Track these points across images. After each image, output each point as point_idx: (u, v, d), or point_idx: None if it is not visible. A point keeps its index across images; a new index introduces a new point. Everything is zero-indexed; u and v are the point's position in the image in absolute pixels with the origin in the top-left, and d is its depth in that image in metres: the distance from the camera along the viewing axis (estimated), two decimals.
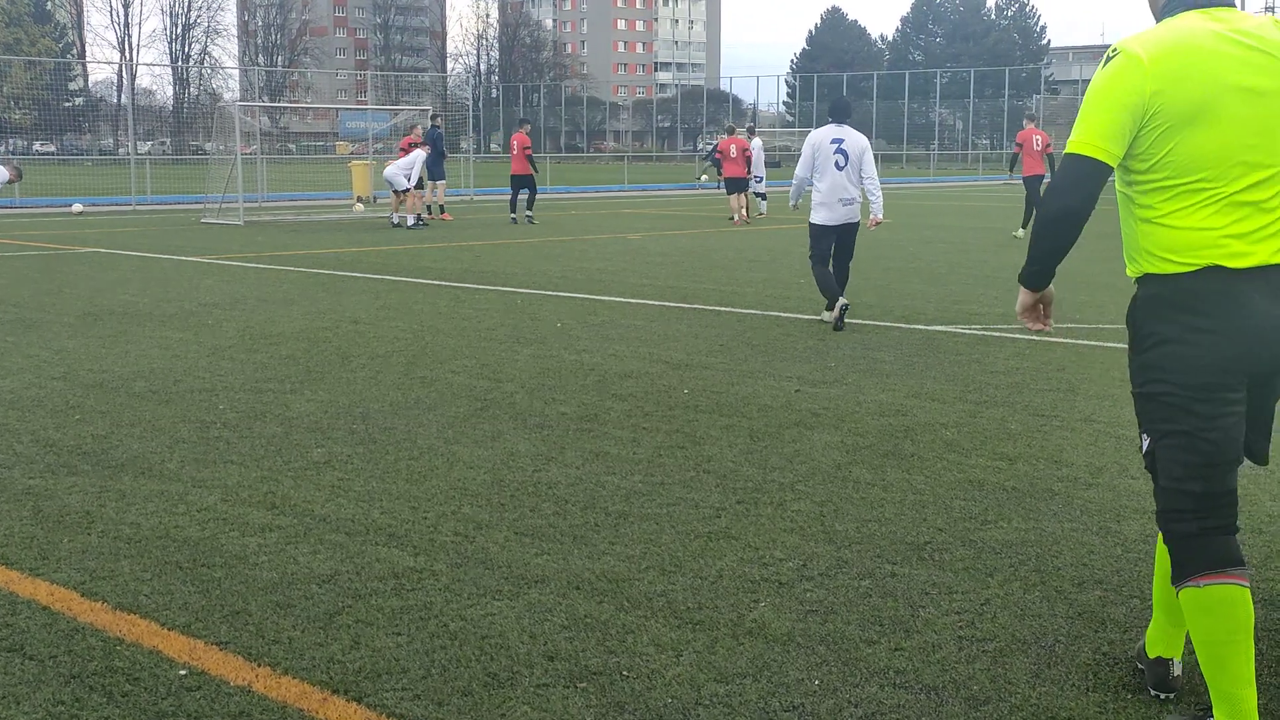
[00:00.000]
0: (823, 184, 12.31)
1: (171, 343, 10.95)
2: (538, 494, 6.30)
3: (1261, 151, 3.58)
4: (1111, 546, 5.49)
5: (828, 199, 12.27)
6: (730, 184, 29.50)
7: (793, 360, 10.15)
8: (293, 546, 5.48)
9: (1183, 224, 3.60)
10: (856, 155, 12.32)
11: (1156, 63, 3.54)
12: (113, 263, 18.80)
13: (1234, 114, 3.55)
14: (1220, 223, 3.57)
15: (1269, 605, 4.82)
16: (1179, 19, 3.64)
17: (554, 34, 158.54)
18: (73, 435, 7.53)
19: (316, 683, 4.13)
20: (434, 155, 28.28)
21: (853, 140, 12.34)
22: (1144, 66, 3.55)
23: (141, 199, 36.19)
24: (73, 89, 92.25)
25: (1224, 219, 3.57)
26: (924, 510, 6.04)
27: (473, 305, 13.64)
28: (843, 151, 12.26)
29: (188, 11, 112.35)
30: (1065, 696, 4.04)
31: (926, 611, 4.75)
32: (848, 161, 12.27)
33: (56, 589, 4.98)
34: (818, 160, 12.33)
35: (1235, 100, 3.55)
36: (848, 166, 12.27)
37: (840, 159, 12.25)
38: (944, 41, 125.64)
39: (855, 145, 12.35)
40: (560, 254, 20.48)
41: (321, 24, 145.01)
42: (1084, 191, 3.61)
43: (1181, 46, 3.56)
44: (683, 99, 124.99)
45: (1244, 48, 3.57)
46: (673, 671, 4.21)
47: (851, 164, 12.29)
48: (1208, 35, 3.57)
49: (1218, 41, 3.57)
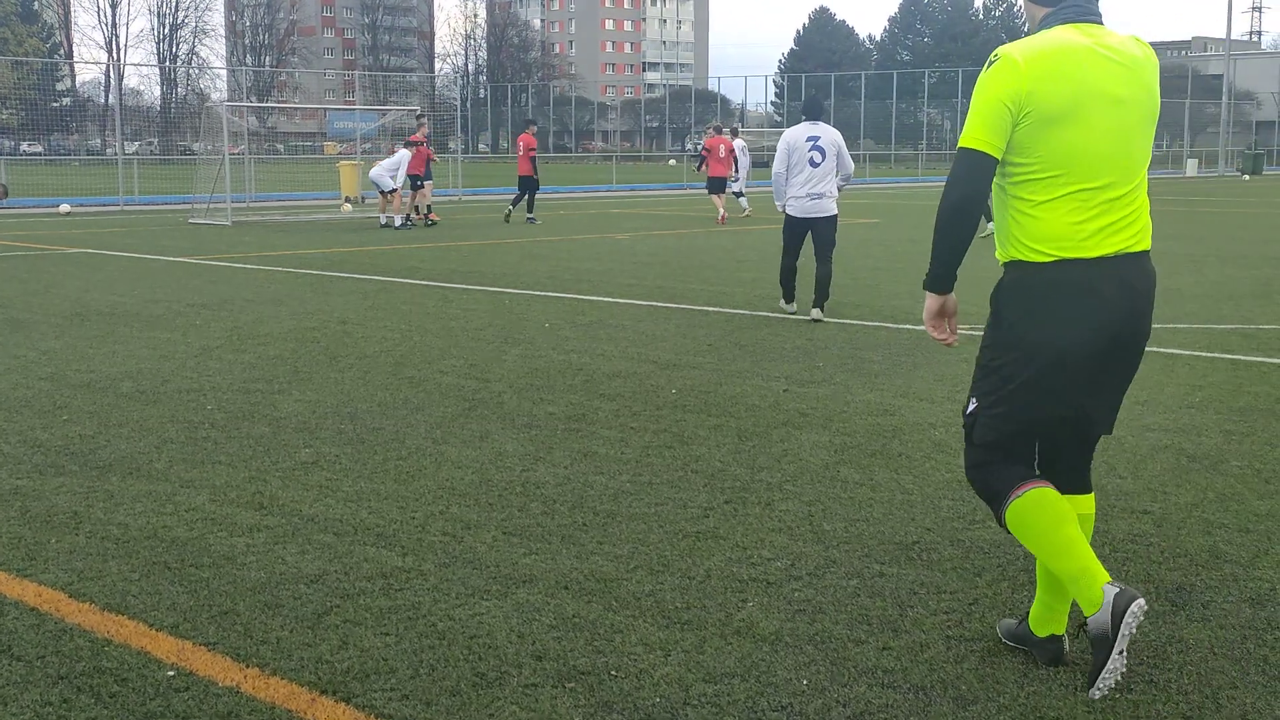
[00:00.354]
0: (796, 179, 12.60)
1: (159, 343, 10.94)
2: (526, 494, 6.30)
3: (1119, 154, 3.98)
4: (1099, 546, 5.49)
5: (799, 193, 12.60)
6: (714, 183, 29.57)
7: (781, 360, 10.15)
8: (281, 547, 5.47)
9: (1047, 216, 3.97)
10: (833, 150, 12.61)
11: (1031, 65, 3.90)
12: (100, 263, 18.76)
13: (1098, 118, 3.94)
14: (1080, 217, 3.95)
15: (1256, 604, 4.83)
16: (1053, 31, 4.02)
17: (542, 34, 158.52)
18: (60, 435, 7.51)
19: (305, 683, 4.12)
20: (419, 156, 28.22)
21: (828, 137, 12.63)
22: (1019, 68, 3.90)
23: (129, 199, 36.14)
24: (60, 89, 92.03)
25: (1084, 214, 3.95)
26: (912, 510, 6.05)
27: (461, 305, 13.63)
28: (819, 148, 12.52)
29: (175, 12, 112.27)
30: (1053, 696, 4.05)
31: (915, 611, 4.76)
32: (824, 157, 12.54)
33: (44, 589, 4.97)
34: (793, 157, 12.61)
35: (1099, 105, 3.94)
36: (824, 162, 12.54)
37: (816, 155, 12.52)
38: (932, 41, 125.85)
39: (831, 141, 12.63)
40: (548, 254, 20.47)
41: (309, 24, 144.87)
42: (976, 182, 3.97)
43: (1053, 52, 3.93)
44: (671, 99, 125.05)
45: (1108, 60, 3.96)
46: (661, 671, 4.22)
47: (828, 159, 12.57)
48: (1078, 46, 3.95)
49: (1086, 52, 3.95)
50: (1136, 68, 4.01)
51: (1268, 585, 5.04)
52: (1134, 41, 4.08)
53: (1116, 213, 3.99)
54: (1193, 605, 4.82)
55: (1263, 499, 6.24)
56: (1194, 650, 4.39)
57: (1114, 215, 3.98)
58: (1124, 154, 3.99)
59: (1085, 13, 4.03)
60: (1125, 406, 8.33)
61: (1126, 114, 3.98)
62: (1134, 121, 4.00)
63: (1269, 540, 5.59)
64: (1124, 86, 3.97)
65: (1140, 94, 4.01)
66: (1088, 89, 3.92)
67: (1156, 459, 7.00)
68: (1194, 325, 12.11)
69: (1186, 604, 4.83)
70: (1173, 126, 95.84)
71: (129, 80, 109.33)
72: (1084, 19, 4.03)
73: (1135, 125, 4.01)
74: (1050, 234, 3.96)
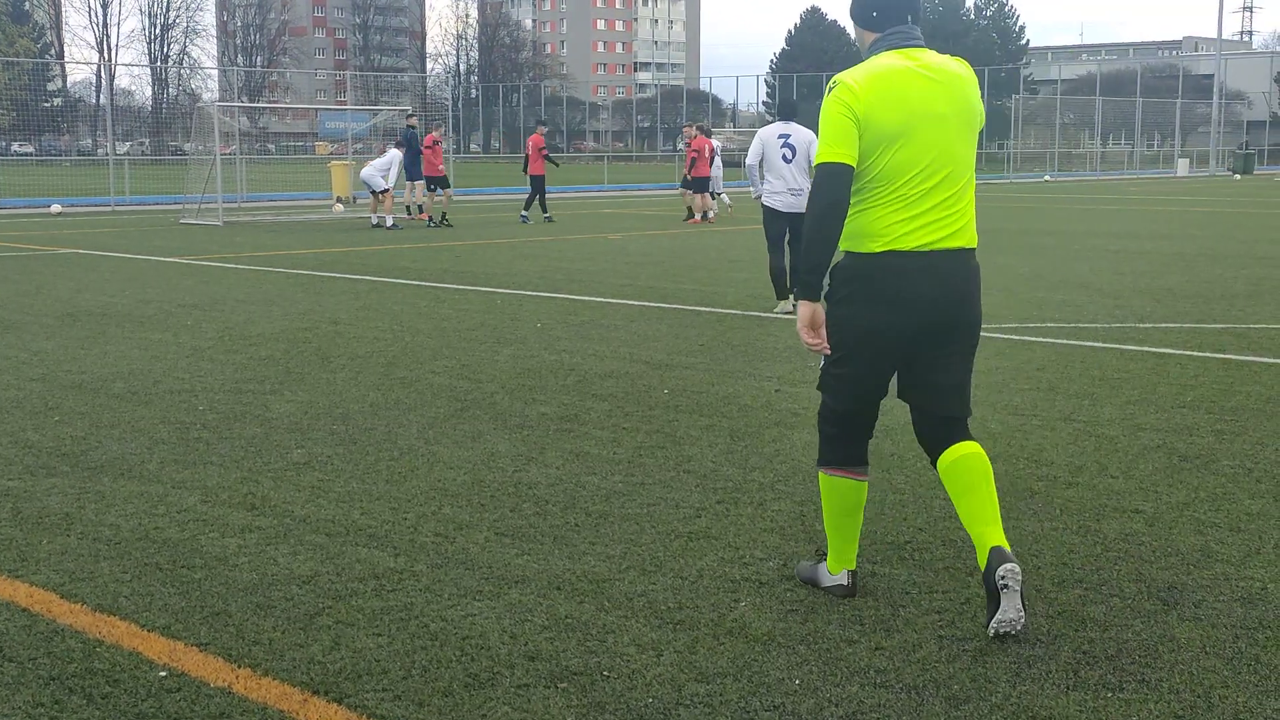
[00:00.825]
0: (773, 176, 13.16)
1: (151, 344, 10.92)
2: (518, 494, 6.30)
3: (942, 164, 4.58)
4: (1091, 545, 5.51)
5: (778, 189, 13.11)
6: (699, 183, 29.68)
7: (773, 360, 10.16)
8: (273, 547, 5.47)
9: (877, 215, 4.58)
10: (804, 148, 13.12)
11: (865, 91, 4.52)
12: (91, 264, 18.74)
13: (923, 134, 4.55)
14: (904, 215, 4.55)
15: (1248, 603, 4.84)
16: (881, 57, 4.64)
17: (533, 34, 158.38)
18: (51, 436, 7.50)
19: (297, 684, 4.12)
20: (410, 155, 28.23)
21: (799, 135, 13.15)
22: (856, 93, 4.52)
23: (120, 200, 36.08)
24: (51, 89, 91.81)
25: (908, 213, 4.55)
26: (904, 510, 6.05)
27: (452, 305, 13.62)
28: (790, 146, 13.04)
29: (166, 12, 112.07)
30: (1045, 695, 4.05)
31: (907, 611, 4.76)
32: (795, 155, 13.06)
33: (36, 590, 4.96)
34: (766, 154, 13.21)
35: (925, 123, 4.55)
36: (795, 159, 13.06)
37: (788, 153, 13.05)
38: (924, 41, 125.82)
39: (802, 140, 13.14)
40: (540, 254, 20.47)
41: (300, 24, 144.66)
42: (837, 190, 4.53)
43: (884, 79, 4.56)
44: (662, 99, 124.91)
45: (931, 80, 4.59)
46: (654, 671, 4.22)
47: (800, 156, 13.09)
48: (904, 70, 4.58)
49: (912, 76, 4.58)
50: (956, 84, 4.63)
51: (1259, 584, 5.05)
52: (955, 61, 4.70)
53: (938, 214, 4.57)
54: (1184, 604, 4.82)
55: (1254, 498, 6.25)
56: (1186, 649, 4.40)
57: (935, 215, 4.57)
58: (946, 163, 4.58)
59: (908, 38, 4.67)
60: (1117, 405, 8.36)
61: (948, 128, 4.59)
62: (955, 134, 4.60)
63: (1260, 540, 5.60)
64: (945, 103, 4.59)
65: (960, 107, 4.62)
66: (914, 110, 4.54)
67: (1148, 458, 7.01)
68: (1186, 325, 12.14)
69: (1178, 603, 4.84)
70: (1164, 126, 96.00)
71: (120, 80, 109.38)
72: (907, 44, 4.66)
73: (956, 137, 4.61)
74: (878, 230, 4.57)
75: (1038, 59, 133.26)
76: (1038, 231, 25.65)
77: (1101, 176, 72.29)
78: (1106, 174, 75.37)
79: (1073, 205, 38.96)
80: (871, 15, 4.73)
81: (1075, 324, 12.14)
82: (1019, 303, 13.82)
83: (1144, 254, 20.56)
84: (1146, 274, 17.16)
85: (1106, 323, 12.29)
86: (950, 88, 4.61)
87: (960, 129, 4.61)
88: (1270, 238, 24.26)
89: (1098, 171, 78.40)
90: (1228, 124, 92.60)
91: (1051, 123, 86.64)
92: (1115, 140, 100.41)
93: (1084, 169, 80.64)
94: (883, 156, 4.53)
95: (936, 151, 4.56)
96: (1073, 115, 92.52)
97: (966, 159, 4.65)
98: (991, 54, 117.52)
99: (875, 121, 4.50)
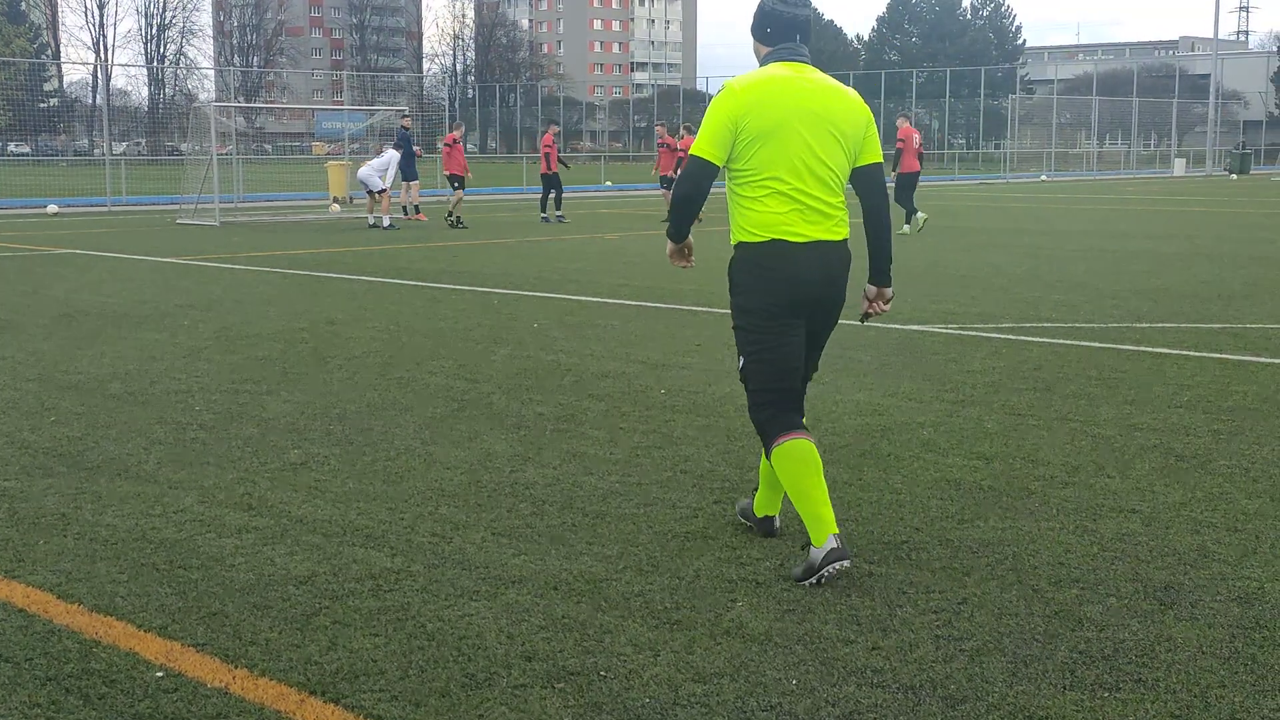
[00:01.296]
0: None
1: (147, 344, 10.92)
2: (515, 494, 6.30)
3: (815, 164, 5.15)
4: (1088, 545, 5.51)
5: None
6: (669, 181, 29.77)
7: None
8: (269, 548, 5.47)
9: (760, 208, 5.15)
10: None
11: (745, 94, 5.14)
12: (88, 264, 18.72)
13: (798, 133, 5.12)
14: (785, 209, 5.13)
15: (1244, 603, 4.85)
16: (769, 67, 5.27)
17: (530, 34, 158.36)
18: (48, 437, 7.50)
19: (294, 684, 4.12)
20: (405, 155, 28.24)
21: None
22: (737, 95, 5.14)
23: (117, 200, 36.07)
24: (48, 89, 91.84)
25: (787, 207, 5.13)
26: (901, 510, 6.06)
27: (449, 306, 13.62)
28: None
29: (162, 12, 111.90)
30: (1042, 695, 4.05)
31: (904, 611, 4.77)
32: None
33: (32, 591, 4.96)
34: None
35: (800, 122, 5.12)
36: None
37: None
38: (920, 41, 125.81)
39: None
40: (537, 254, 20.47)
41: (297, 24, 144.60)
42: (699, 181, 5.20)
43: (764, 83, 5.17)
44: (659, 99, 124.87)
45: (807, 91, 5.18)
46: (650, 671, 4.22)
47: None
48: (785, 78, 5.19)
49: (791, 83, 5.18)
50: (831, 97, 5.21)
51: (1256, 584, 5.05)
52: (834, 81, 5.32)
53: (815, 208, 5.16)
54: (1181, 604, 4.83)
55: (1251, 498, 6.25)
56: (1182, 649, 4.40)
57: (813, 210, 5.16)
58: (819, 164, 5.15)
59: (795, 54, 5.28)
60: (1114, 405, 8.37)
61: (821, 133, 5.16)
62: (827, 139, 5.17)
63: (1257, 539, 5.61)
64: (819, 112, 5.16)
65: (834, 118, 5.19)
66: (789, 112, 5.11)
67: (1145, 458, 7.02)
68: (1182, 324, 12.14)
69: (1175, 603, 4.84)
70: (1160, 126, 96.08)
71: (116, 81, 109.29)
72: (793, 59, 5.27)
73: (830, 142, 5.17)
74: (763, 222, 5.15)
75: (1034, 59, 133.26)
76: (1034, 231, 25.66)
77: (1098, 176, 72.32)
78: (1103, 174, 75.42)
79: (1069, 205, 38.98)
80: (766, 31, 5.37)
81: (1071, 324, 12.14)
82: (1015, 302, 13.83)
83: (1140, 254, 20.57)
84: (1143, 274, 17.16)
85: (1103, 322, 12.29)
86: (826, 100, 5.20)
87: (833, 135, 5.18)
88: (1267, 237, 24.28)
89: (1094, 171, 78.45)
90: (1224, 124, 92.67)
91: (1048, 123, 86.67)
92: (1112, 140, 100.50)
93: (1080, 169, 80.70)
94: (757, 152, 5.11)
95: (809, 153, 5.14)
96: (1069, 115, 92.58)
97: (840, 163, 5.21)
98: (988, 54, 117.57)
99: (750, 121, 5.10)
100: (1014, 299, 14.17)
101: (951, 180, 65.69)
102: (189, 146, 38.10)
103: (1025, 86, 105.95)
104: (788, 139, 5.10)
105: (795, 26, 5.34)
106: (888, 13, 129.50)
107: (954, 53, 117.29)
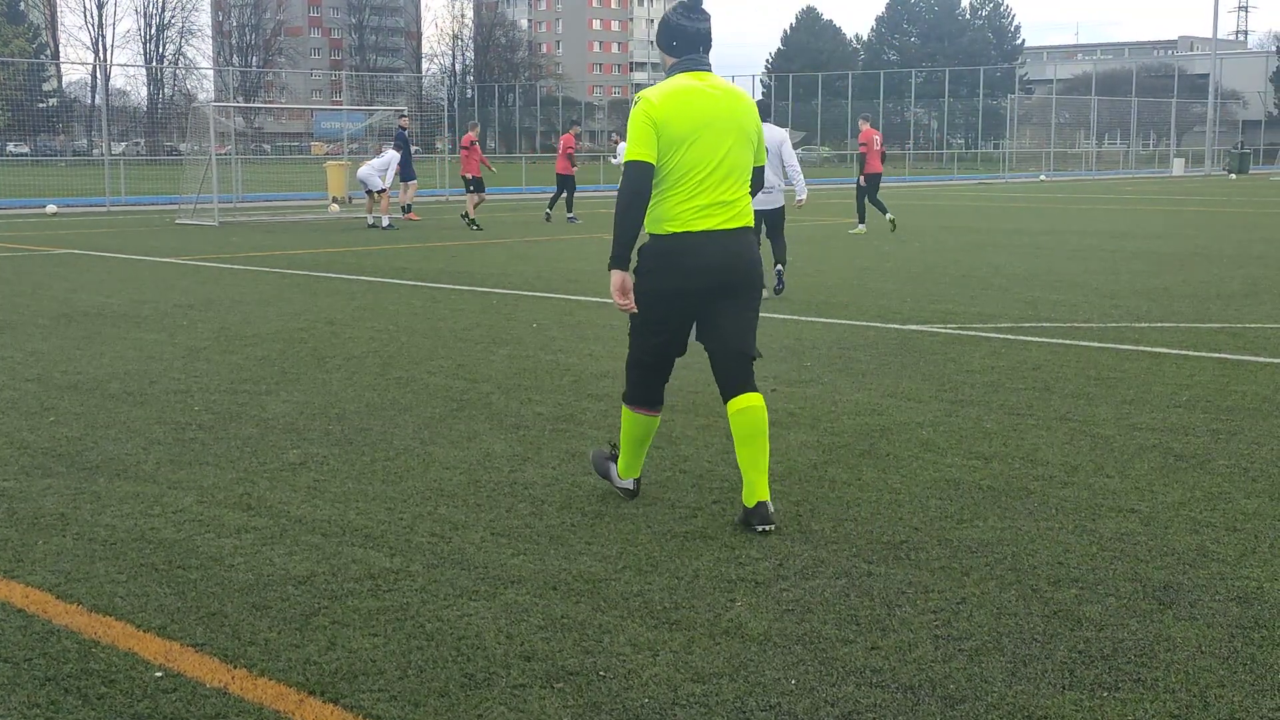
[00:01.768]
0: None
1: (146, 344, 10.92)
2: (514, 494, 6.30)
3: (722, 163, 5.70)
4: (1087, 545, 5.51)
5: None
6: None
7: (768, 360, 10.15)
8: (269, 548, 5.47)
9: (670, 203, 5.69)
10: (775, 147, 13.81)
11: (661, 105, 5.66)
12: (87, 264, 18.72)
13: (708, 139, 5.68)
14: (692, 204, 5.67)
15: (1243, 602, 4.85)
16: (677, 78, 5.79)
17: (529, 34, 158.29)
18: (47, 437, 7.50)
19: (293, 684, 4.12)
20: (403, 155, 28.23)
21: (770, 135, 13.66)
22: (655, 106, 5.66)
23: (116, 200, 36.07)
24: (47, 90, 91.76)
25: (694, 201, 5.67)
26: (900, 509, 6.05)
27: (448, 306, 13.62)
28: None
29: (161, 12, 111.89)
30: (1041, 695, 4.05)
31: (903, 610, 4.77)
32: (768, 155, 13.47)
33: (32, 591, 4.96)
34: None
35: (709, 130, 5.69)
36: (768, 159, 13.28)
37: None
38: (919, 41, 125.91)
39: (773, 139, 13.77)
40: (536, 254, 20.47)
41: (296, 24, 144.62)
42: (641, 183, 5.64)
43: (677, 95, 5.70)
44: None
45: (713, 98, 5.73)
46: (649, 671, 4.22)
47: (771, 156, 13.68)
48: (693, 89, 5.72)
49: (699, 93, 5.71)
50: (735, 101, 5.78)
51: (1255, 584, 5.05)
52: (732, 85, 5.88)
53: (719, 201, 5.70)
54: (1180, 604, 4.83)
55: (1250, 498, 6.25)
56: (1181, 649, 4.40)
57: (719, 203, 5.70)
58: (724, 163, 5.71)
59: (699, 64, 5.82)
60: (1113, 405, 8.38)
61: (727, 134, 5.73)
62: (733, 139, 5.73)
63: (1256, 539, 5.61)
64: (725, 115, 5.73)
65: (738, 119, 5.76)
66: (699, 120, 5.67)
67: (1144, 458, 7.02)
68: (1181, 324, 12.15)
69: (1174, 602, 4.84)
70: (1159, 126, 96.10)
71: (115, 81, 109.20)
72: (698, 68, 5.82)
73: (734, 142, 5.74)
74: (671, 215, 5.69)
75: (1033, 59, 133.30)
76: (1033, 231, 25.67)
77: (1097, 176, 72.35)
78: (1102, 174, 75.44)
79: (1068, 205, 38.98)
80: (672, 44, 5.87)
81: (1070, 323, 12.14)
82: (1014, 302, 13.83)
83: (1139, 253, 20.57)
84: (1142, 273, 17.17)
85: (1102, 322, 12.30)
86: (729, 104, 5.76)
87: (738, 135, 5.75)
88: (1266, 237, 24.29)
89: (1093, 171, 78.47)
90: (1223, 123, 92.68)
91: (1047, 122, 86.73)
92: (1110, 140, 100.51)
93: (1079, 169, 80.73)
94: (675, 156, 5.65)
95: (716, 154, 5.69)
96: (1068, 115, 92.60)
97: (743, 159, 5.79)
98: (987, 53, 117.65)
99: (669, 128, 5.63)
100: (1013, 299, 14.17)
101: (950, 180, 65.69)
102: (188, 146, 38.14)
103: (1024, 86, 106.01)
104: (698, 144, 5.66)
105: (699, 39, 5.83)
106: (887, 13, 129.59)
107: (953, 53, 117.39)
